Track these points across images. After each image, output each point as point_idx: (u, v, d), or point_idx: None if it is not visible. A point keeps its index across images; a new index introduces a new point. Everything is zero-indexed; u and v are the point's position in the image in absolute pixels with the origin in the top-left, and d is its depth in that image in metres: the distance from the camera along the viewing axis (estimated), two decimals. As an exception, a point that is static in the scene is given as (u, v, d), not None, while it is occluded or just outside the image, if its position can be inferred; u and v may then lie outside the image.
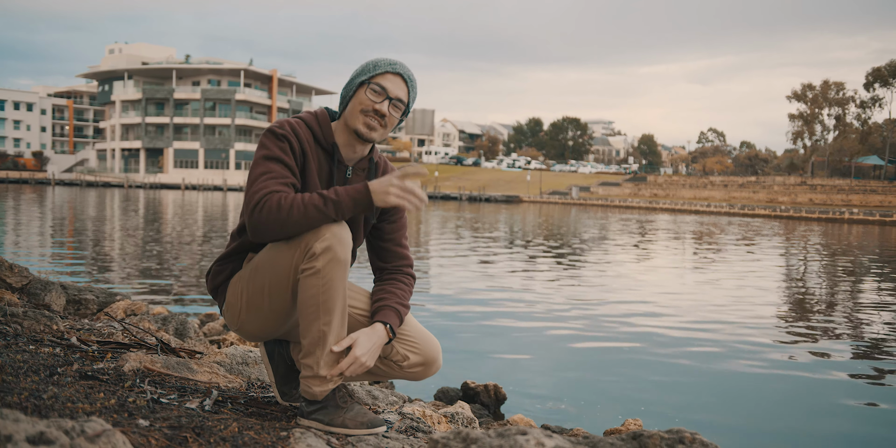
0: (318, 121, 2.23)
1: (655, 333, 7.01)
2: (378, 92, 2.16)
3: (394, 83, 2.17)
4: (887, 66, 69.73)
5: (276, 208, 1.98)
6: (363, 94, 2.16)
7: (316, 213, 2.00)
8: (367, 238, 2.39)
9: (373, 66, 2.18)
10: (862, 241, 24.20)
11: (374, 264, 2.41)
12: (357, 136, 2.20)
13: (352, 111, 2.19)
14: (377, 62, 2.19)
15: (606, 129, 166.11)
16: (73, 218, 23.62)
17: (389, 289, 2.29)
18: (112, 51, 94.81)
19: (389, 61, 2.19)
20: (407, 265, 2.39)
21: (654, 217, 40.23)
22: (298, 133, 2.16)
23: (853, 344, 6.82)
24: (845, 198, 53.45)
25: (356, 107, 2.17)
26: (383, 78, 2.17)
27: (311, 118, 2.23)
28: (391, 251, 2.38)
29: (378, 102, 2.16)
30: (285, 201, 1.99)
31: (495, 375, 5.22)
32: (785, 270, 14.04)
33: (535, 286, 10.24)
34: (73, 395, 1.90)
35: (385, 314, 2.19)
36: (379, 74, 2.17)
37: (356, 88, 2.19)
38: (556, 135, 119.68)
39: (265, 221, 1.99)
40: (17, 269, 4.26)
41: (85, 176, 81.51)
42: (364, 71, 2.19)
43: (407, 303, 2.29)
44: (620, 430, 3.61)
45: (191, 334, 4.06)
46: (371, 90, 2.16)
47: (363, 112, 2.16)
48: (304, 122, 2.21)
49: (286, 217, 1.98)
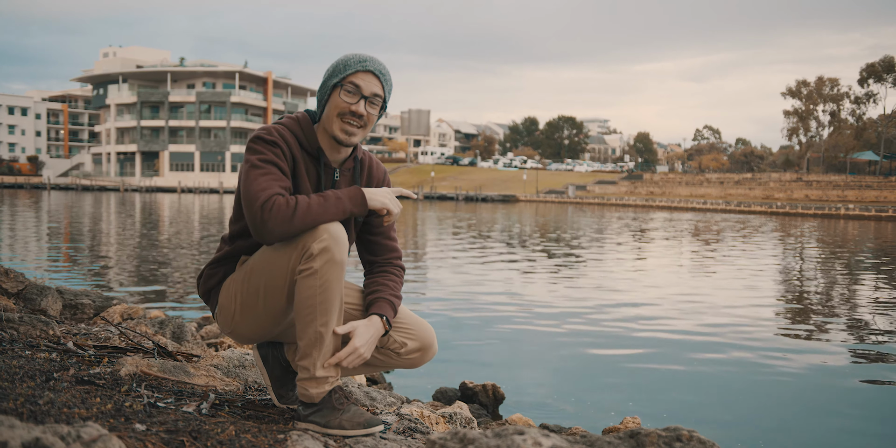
0: (300, 126, 2.23)
1: (654, 332, 7.02)
2: (352, 92, 2.15)
3: (366, 80, 2.16)
4: (881, 61, 69.88)
5: (284, 207, 2.00)
6: (338, 97, 2.16)
7: (320, 211, 2.03)
8: (357, 233, 2.41)
9: (343, 66, 2.17)
10: (858, 236, 24.25)
11: (364, 258, 2.43)
12: (336, 142, 2.20)
13: (328, 116, 2.19)
14: (346, 62, 2.17)
15: (602, 128, 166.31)
16: (68, 222, 23.57)
17: (382, 281, 2.31)
18: (106, 54, 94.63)
19: (359, 58, 2.17)
20: (396, 257, 2.41)
21: (650, 215, 40.28)
22: (286, 138, 2.17)
23: (851, 340, 6.83)
24: (841, 194, 53.55)
25: (332, 111, 2.17)
26: (355, 77, 2.15)
27: (294, 124, 2.23)
28: (381, 244, 2.40)
29: (354, 103, 2.15)
30: (290, 201, 2.01)
31: (493, 375, 5.22)
32: (782, 267, 14.06)
33: (532, 285, 10.24)
34: (69, 401, 1.89)
35: (380, 306, 2.21)
36: (350, 74, 2.15)
37: (330, 91, 2.18)
38: (552, 134, 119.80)
39: (274, 221, 2.00)
40: (13, 274, 4.25)
41: (80, 180, 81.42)
42: (335, 72, 2.17)
43: (399, 294, 2.31)
44: (619, 428, 3.61)
45: (188, 338, 4.05)
46: (345, 92, 2.15)
47: (340, 116, 2.16)
48: (288, 129, 2.21)
49: (293, 216, 2.00)
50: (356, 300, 2.31)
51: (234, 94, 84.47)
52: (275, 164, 2.11)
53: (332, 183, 2.26)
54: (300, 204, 2.01)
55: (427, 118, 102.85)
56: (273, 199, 2.01)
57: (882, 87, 71.45)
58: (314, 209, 2.02)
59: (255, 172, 2.08)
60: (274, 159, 2.11)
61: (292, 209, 2.00)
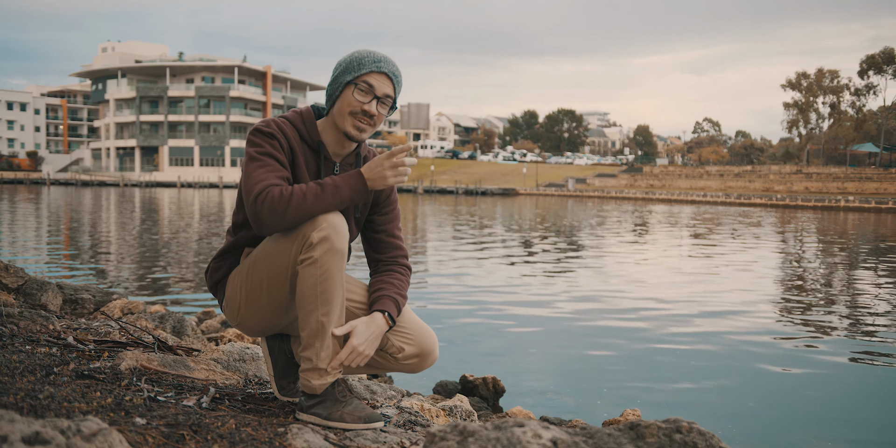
0: (303, 120, 2.24)
1: (654, 324, 7.03)
2: (365, 92, 2.15)
3: (380, 81, 2.16)
4: (881, 53, 69.68)
5: (277, 198, 2.00)
6: (350, 95, 2.16)
7: (315, 201, 2.03)
8: (362, 231, 2.41)
9: (357, 64, 2.16)
10: (858, 228, 24.25)
11: (370, 256, 2.42)
12: (347, 137, 2.21)
13: (340, 112, 2.19)
14: (361, 60, 2.16)
15: (602, 121, 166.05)
16: (68, 217, 23.57)
17: (387, 279, 2.31)
18: (105, 49, 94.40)
19: (374, 58, 2.17)
20: (402, 256, 2.40)
21: (650, 208, 40.27)
22: (285, 131, 2.18)
23: (852, 333, 6.84)
24: (841, 186, 53.52)
25: (344, 108, 2.17)
26: (369, 77, 2.15)
27: (297, 117, 2.24)
28: (385, 242, 2.39)
29: (366, 103, 2.15)
30: (285, 191, 2.02)
31: (494, 368, 5.23)
32: (782, 260, 14.06)
33: (532, 278, 10.25)
34: (69, 395, 1.90)
35: (383, 303, 2.20)
36: (365, 74, 2.15)
37: (342, 88, 2.18)
38: (552, 127, 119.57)
39: (267, 212, 2.01)
40: (13, 269, 4.25)
41: (80, 175, 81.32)
42: (349, 69, 2.17)
43: (405, 293, 2.30)
44: (619, 420, 3.62)
45: (188, 332, 4.06)
46: (358, 91, 2.15)
47: (352, 114, 2.16)
48: (290, 122, 2.22)
49: (286, 207, 2.01)
50: (362, 298, 2.31)
51: (233, 88, 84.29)
52: (272, 155, 2.12)
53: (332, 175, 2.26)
54: (295, 194, 2.01)
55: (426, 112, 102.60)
56: (267, 191, 2.01)
57: (882, 78, 71.27)
58: (309, 200, 2.02)
59: (253, 165, 2.09)
60: (271, 151, 2.12)
61: (286, 200, 2.00)
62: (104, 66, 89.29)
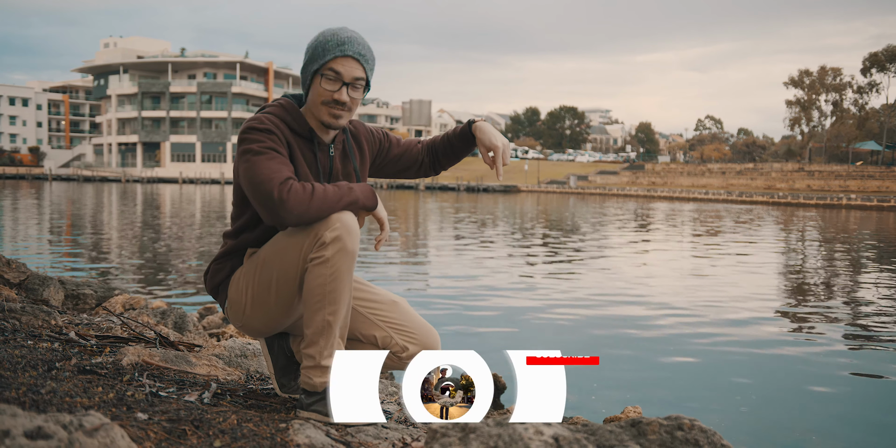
0: (287, 111, 2.21)
1: (655, 321, 7.02)
2: (333, 80, 2.13)
3: (346, 66, 2.12)
4: (884, 51, 69.49)
5: (301, 191, 1.99)
6: (319, 85, 2.14)
7: (334, 196, 2.03)
8: (395, 171, 2.54)
9: (322, 51, 2.12)
10: (861, 226, 24.22)
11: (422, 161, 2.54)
12: (326, 126, 2.21)
13: (314, 102, 2.18)
14: (325, 45, 2.12)
15: (604, 118, 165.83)
16: (70, 213, 23.59)
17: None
18: (107, 45, 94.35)
19: (336, 42, 2.11)
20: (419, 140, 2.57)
21: (652, 205, 40.24)
22: (278, 125, 2.16)
23: (854, 332, 6.83)
24: (843, 184, 53.45)
25: (316, 99, 2.16)
26: (335, 63, 2.12)
27: (281, 110, 2.21)
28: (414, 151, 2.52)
29: (336, 91, 2.13)
30: (307, 186, 2.01)
31: (494, 365, 5.23)
32: (784, 257, 14.06)
33: (534, 275, 10.25)
34: (71, 390, 1.90)
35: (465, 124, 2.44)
36: (329, 61, 2.12)
37: (311, 78, 2.16)
38: (554, 124, 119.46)
39: (294, 202, 1.97)
40: (15, 264, 4.25)
41: (82, 171, 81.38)
42: (314, 57, 2.14)
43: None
44: (620, 417, 3.62)
45: (190, 328, 4.06)
46: (326, 80, 2.13)
47: (325, 103, 2.15)
48: (277, 116, 2.19)
49: (310, 199, 1.99)
50: (370, 297, 2.33)
51: (235, 84, 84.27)
52: (276, 150, 2.10)
53: (329, 158, 2.27)
54: (317, 189, 2.01)
55: (428, 109, 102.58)
56: (290, 182, 1.99)
57: (885, 76, 71.07)
58: (330, 194, 2.03)
59: (261, 158, 2.05)
60: (274, 146, 2.10)
61: (309, 193, 1.99)
62: (106, 61, 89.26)
